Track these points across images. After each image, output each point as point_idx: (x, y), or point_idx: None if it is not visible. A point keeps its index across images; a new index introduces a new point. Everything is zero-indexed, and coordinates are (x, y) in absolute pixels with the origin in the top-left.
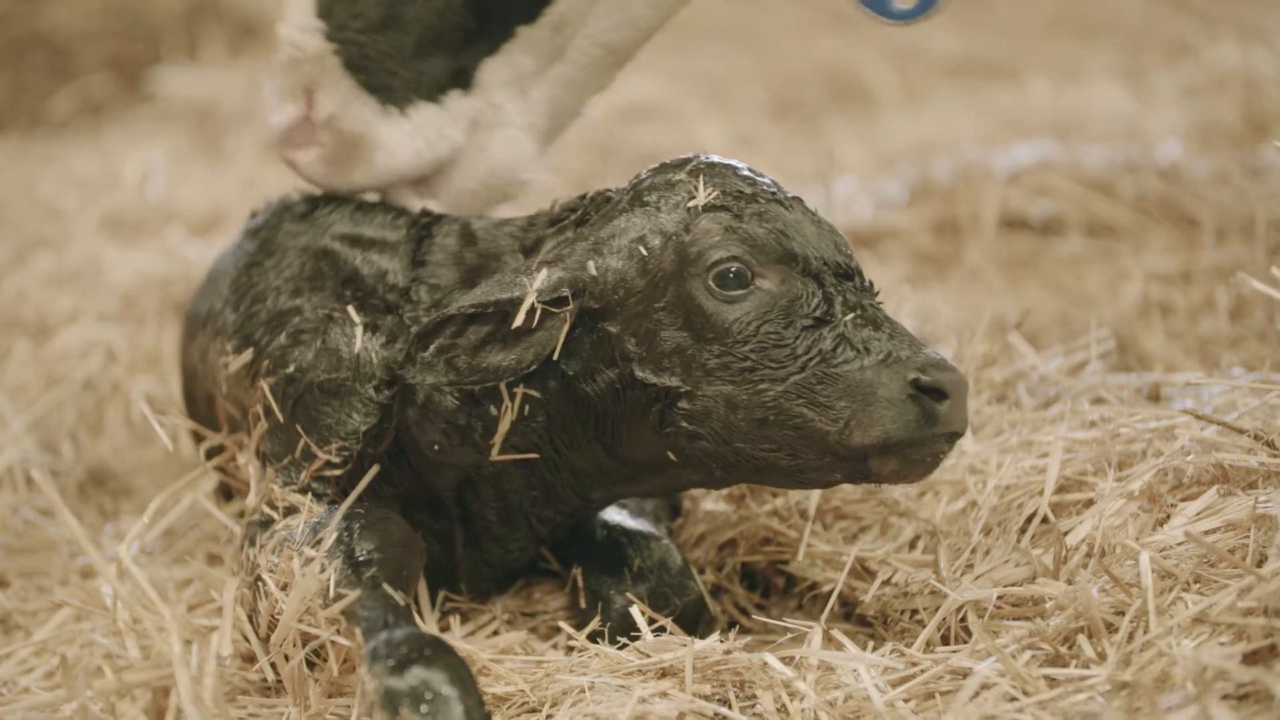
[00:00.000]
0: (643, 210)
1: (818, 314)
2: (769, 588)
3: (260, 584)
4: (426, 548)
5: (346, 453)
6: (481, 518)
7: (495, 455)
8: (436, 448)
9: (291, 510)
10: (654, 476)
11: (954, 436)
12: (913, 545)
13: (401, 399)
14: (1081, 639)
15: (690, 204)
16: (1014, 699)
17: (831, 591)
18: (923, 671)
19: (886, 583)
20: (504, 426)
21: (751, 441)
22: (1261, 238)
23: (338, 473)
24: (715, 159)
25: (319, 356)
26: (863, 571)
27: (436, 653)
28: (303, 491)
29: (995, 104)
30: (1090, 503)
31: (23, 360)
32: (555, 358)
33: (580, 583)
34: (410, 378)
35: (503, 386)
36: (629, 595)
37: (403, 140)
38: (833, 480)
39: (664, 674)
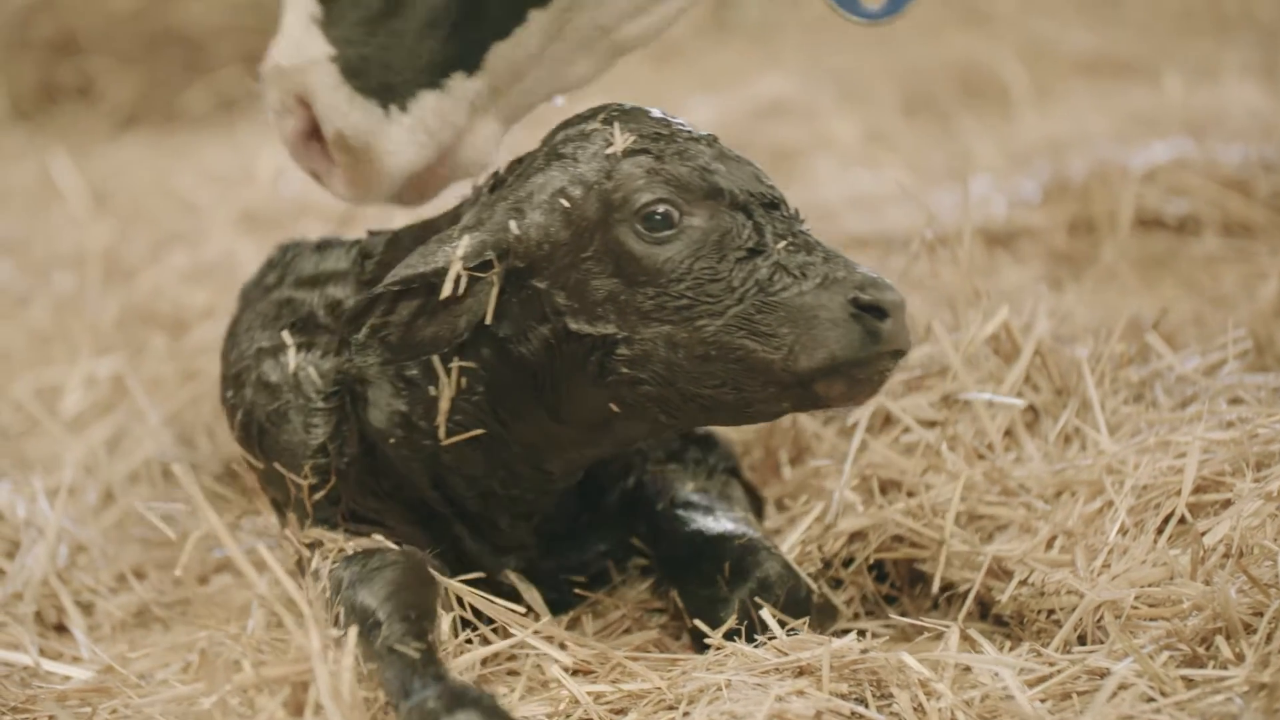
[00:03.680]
0: (560, 163)
1: (750, 245)
2: (897, 581)
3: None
4: (440, 551)
5: (321, 470)
6: (466, 509)
7: (443, 436)
8: (392, 441)
9: (316, 544)
10: (601, 435)
11: (898, 354)
12: (1049, 545)
13: (354, 402)
14: (1219, 640)
15: (609, 151)
16: (1151, 699)
17: (968, 591)
18: (1060, 672)
19: (1023, 583)
20: (444, 404)
21: (695, 380)
22: None
23: (322, 494)
24: (626, 105)
25: (256, 392)
26: (999, 571)
27: (455, 703)
28: (317, 524)
29: (1129, 101)
30: (1228, 503)
31: (159, 355)
32: (487, 322)
33: (681, 604)
34: (345, 362)
35: (437, 362)
36: (739, 601)
37: (404, 137)
38: (781, 410)
39: (801, 672)
